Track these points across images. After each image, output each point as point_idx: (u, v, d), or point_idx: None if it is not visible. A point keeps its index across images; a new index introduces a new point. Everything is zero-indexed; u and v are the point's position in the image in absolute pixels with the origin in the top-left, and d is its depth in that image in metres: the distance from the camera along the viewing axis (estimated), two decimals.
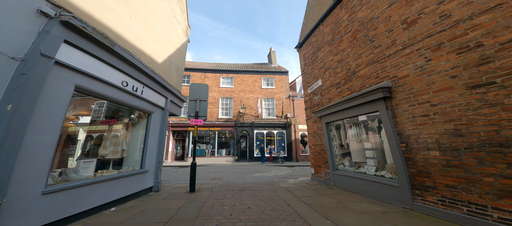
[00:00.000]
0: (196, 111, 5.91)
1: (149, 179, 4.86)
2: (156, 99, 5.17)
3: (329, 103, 6.14)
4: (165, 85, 5.54)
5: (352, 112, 4.89)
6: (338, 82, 5.73)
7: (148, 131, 4.83)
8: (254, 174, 9.73)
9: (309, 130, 7.70)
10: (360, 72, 4.77)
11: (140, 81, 4.37)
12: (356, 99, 4.52)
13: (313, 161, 7.26)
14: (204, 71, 18.63)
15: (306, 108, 8.06)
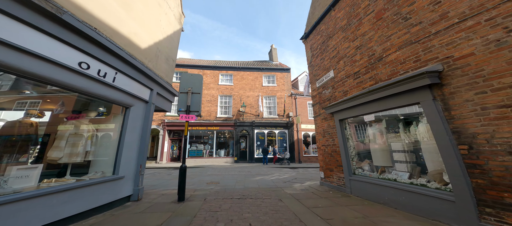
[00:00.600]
0: (187, 105, 4.94)
1: (126, 186, 3.89)
2: (136, 90, 4.20)
3: (344, 97, 5.18)
4: (149, 75, 4.58)
5: (377, 106, 3.93)
6: (356, 72, 4.76)
7: (125, 127, 3.87)
8: (255, 177, 8.76)
9: (317, 129, 6.73)
10: (389, 58, 3.81)
11: (110, 65, 3.41)
12: (384, 89, 3.56)
13: (322, 163, 6.29)
14: (202, 67, 17.68)
15: (314, 104, 7.09)
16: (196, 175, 9.08)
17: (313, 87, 7.30)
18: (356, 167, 4.81)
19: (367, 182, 4.25)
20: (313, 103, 7.19)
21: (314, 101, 7.16)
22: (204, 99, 16.44)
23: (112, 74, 3.47)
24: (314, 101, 7.15)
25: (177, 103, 4.80)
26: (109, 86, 3.43)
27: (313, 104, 7.17)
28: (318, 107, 6.75)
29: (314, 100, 7.17)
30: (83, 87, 2.93)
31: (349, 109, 4.84)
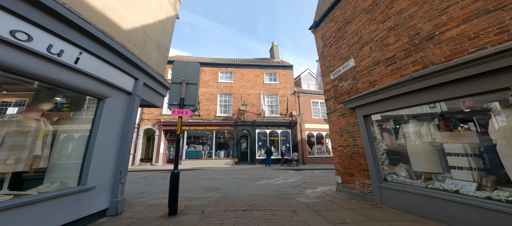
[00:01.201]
0: (180, 98, 4.01)
1: (99, 198, 2.94)
2: (114, 77, 3.27)
3: (370, 89, 4.27)
4: (133, 60, 3.65)
5: (425, 96, 3.02)
6: (390, 58, 3.85)
7: (97, 124, 2.93)
8: (259, 181, 7.83)
9: (332, 127, 5.82)
10: (446, 35, 2.90)
11: (70, 41, 2.47)
12: (446, 73, 2.64)
13: (339, 167, 5.37)
14: (201, 64, 16.72)
15: (328, 99, 6.19)
16: (193, 179, 8.12)
17: (326, 80, 6.40)
18: (388, 172, 3.90)
19: (407, 192, 3.34)
20: (326, 98, 6.28)
21: (327, 95, 6.26)
22: (203, 97, 15.51)
23: (73, 54, 2.53)
24: (327, 96, 6.24)
25: (169, 96, 3.85)
26: (67, 69, 2.48)
27: (326, 99, 6.27)
28: (333, 102, 5.85)
29: (327, 95, 6.26)
30: (19, 65, 1.98)
31: (378, 103, 3.93)
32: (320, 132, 16.00)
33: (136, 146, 12.99)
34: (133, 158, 12.77)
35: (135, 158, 12.79)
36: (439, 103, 3.08)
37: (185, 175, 9.39)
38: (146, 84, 4.32)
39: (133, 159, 12.77)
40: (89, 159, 2.74)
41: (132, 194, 5.25)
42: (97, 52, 2.88)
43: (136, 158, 12.84)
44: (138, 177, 8.72)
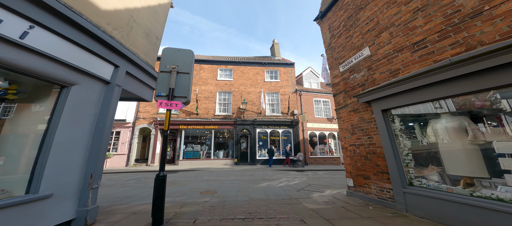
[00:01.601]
0: (169, 88, 3.39)
1: (59, 208, 2.32)
2: (83, 61, 2.65)
3: (392, 79, 3.66)
4: (111, 44, 3.04)
5: (469, 84, 2.40)
6: (418, 42, 3.22)
7: (56, 117, 2.31)
8: (259, 183, 7.20)
9: (342, 124, 5.19)
10: (501, 8, 2.29)
11: (15, 11, 1.86)
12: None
13: (351, 168, 4.74)
14: (199, 62, 16.13)
15: (336, 93, 5.56)
16: (189, 181, 7.49)
17: (335, 73, 5.78)
18: (414, 176, 3.27)
19: (442, 199, 2.72)
20: (335, 92, 5.66)
21: (335, 89, 5.64)
22: (201, 95, 14.90)
23: (19, 26, 1.92)
24: (335, 90, 5.62)
25: (156, 86, 3.23)
26: (9, 44, 1.86)
27: (335, 94, 5.64)
28: (343, 96, 5.22)
29: (335, 89, 5.64)
30: None
31: (401, 95, 3.31)
32: (323, 132, 15.37)
33: (131, 146, 12.37)
34: (128, 158, 12.15)
35: (130, 159, 12.17)
36: (489, 92, 2.45)
37: (181, 176, 8.76)
38: (130, 74, 3.70)
39: (128, 159, 12.14)
40: (43, 161, 2.12)
41: (116, 199, 4.63)
42: (58, 30, 2.27)
43: (131, 158, 12.22)
44: (130, 178, 8.10)
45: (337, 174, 10.21)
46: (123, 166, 11.93)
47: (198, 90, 14.85)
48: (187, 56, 3.78)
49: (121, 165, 11.95)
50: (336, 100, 5.58)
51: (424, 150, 3.29)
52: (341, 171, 11.60)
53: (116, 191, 5.62)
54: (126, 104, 12.50)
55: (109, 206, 3.98)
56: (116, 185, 6.68)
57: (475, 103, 2.69)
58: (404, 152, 3.42)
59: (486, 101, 2.58)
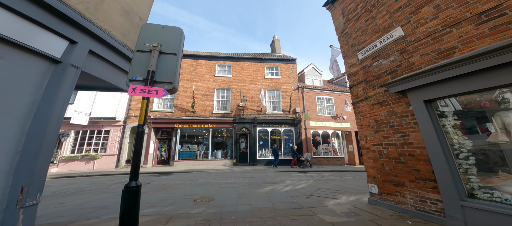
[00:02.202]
0: (148, 71, 2.48)
1: None
2: (14, 29, 1.78)
3: (441, 60, 2.83)
4: (63, 12, 2.16)
5: None
6: (488, 10, 2.39)
7: None
8: (262, 187, 6.36)
9: (362, 120, 4.36)
10: None
11: None
12: None
13: (375, 172, 3.92)
14: (196, 57, 15.21)
15: (353, 84, 4.73)
16: (182, 185, 6.59)
17: (350, 62, 4.95)
18: (478, 186, 2.45)
19: None
20: (352, 83, 4.83)
21: (352, 80, 4.80)
22: (198, 92, 13.99)
23: None
24: (352, 81, 4.79)
25: (130, 68, 2.31)
26: None
27: (352, 85, 4.81)
28: (363, 87, 4.39)
29: (352, 80, 4.81)
30: None
31: (457, 80, 2.49)
32: (326, 131, 14.59)
33: (122, 146, 11.40)
34: (118, 159, 11.18)
35: (120, 160, 11.20)
36: None
37: (174, 179, 7.86)
38: (96, 54, 2.80)
39: (118, 160, 11.17)
40: None
41: (86, 211, 3.71)
42: None
43: (121, 160, 11.25)
44: (116, 182, 7.17)
45: (344, 175, 9.41)
46: (113, 168, 10.96)
47: (194, 86, 13.93)
48: (174, 35, 2.87)
49: (111, 167, 10.97)
50: (353, 93, 4.75)
51: (494, 151, 2.46)
52: (347, 172, 10.82)
53: (91, 199, 4.71)
54: (117, 102, 11.53)
55: (72, 221, 3.09)
56: (96, 190, 5.76)
57: None
58: (460, 154, 2.59)
59: None
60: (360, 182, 7.35)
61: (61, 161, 10.37)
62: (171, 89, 2.54)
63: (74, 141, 10.93)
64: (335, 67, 7.69)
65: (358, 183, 7.00)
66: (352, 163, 14.39)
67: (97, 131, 11.35)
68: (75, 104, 10.76)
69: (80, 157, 10.48)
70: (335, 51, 7.45)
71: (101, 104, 11.21)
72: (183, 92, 13.81)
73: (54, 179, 8.33)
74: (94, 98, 11.22)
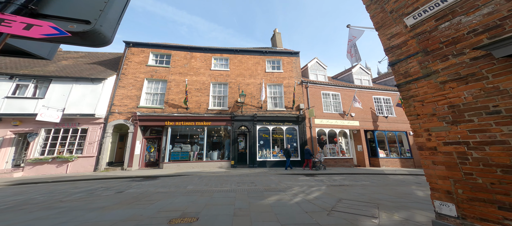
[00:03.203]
0: None
1: None
2: None
3: None
4: None
5: None
6: None
7: None
8: (265, 196, 4.86)
9: (416, 108, 2.89)
10: None
11: None
12: None
13: (450, 185, 2.44)
14: (190, 49, 13.68)
15: (398, 60, 3.27)
16: (163, 194, 5.01)
17: (392, 32, 3.50)
18: None
19: None
20: (395, 59, 3.37)
21: (395, 55, 3.36)
22: (192, 87, 12.44)
23: None
24: (395, 56, 3.34)
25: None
26: None
27: (394, 61, 3.35)
28: (420, 60, 2.94)
29: (395, 54, 3.37)
30: None
31: None
32: (333, 129, 13.16)
33: (102, 146, 9.77)
34: (97, 161, 9.55)
35: (100, 162, 9.57)
36: None
37: (157, 185, 6.29)
38: None
39: (97, 163, 9.54)
40: None
41: None
42: None
43: (102, 162, 9.62)
44: (82, 190, 5.57)
45: (359, 179, 7.95)
46: (90, 171, 9.34)
47: (188, 80, 12.38)
48: None
49: (88, 170, 9.35)
50: (398, 71, 3.28)
51: None
52: (360, 175, 9.38)
53: (18, 219, 3.14)
54: (96, 96, 9.91)
55: None
56: (44, 203, 4.18)
57: None
58: None
59: None
60: (388, 190, 5.88)
61: (28, 164, 8.72)
62: (90, 32, 0.99)
63: (44, 141, 9.27)
64: (354, 51, 6.26)
65: (387, 192, 5.54)
66: (361, 165, 12.98)
67: (73, 129, 9.71)
68: (45, 99, 9.12)
69: (51, 159, 8.84)
70: (355, 32, 6.01)
71: (78, 99, 9.58)
72: (175, 87, 12.25)
73: (9, 186, 6.70)
74: (69, 92, 9.58)
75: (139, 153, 10.69)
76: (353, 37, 5.96)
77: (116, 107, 10.78)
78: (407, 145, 13.73)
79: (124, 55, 12.30)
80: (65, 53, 14.14)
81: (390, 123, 14.00)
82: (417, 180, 8.48)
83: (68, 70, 10.61)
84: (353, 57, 6.05)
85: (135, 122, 10.70)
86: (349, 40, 6.14)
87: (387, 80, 17.74)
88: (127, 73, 11.85)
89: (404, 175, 9.86)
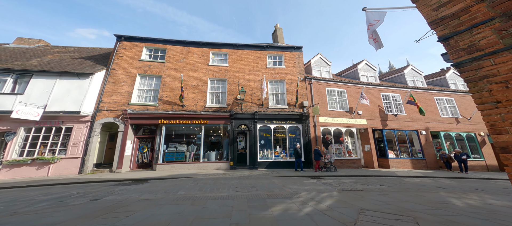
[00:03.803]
0: None
1: None
2: None
3: None
4: None
5: None
6: None
7: None
8: (268, 206, 3.95)
9: (493, 93, 2.01)
10: None
11: None
12: None
13: None
14: (187, 44, 12.86)
15: (458, 31, 2.39)
16: (146, 203, 4.09)
17: (437, 0, 2.61)
18: None
19: None
20: (452, 30, 2.48)
21: (449, 28, 2.47)
22: (188, 83, 11.59)
23: None
24: (451, 28, 2.45)
25: None
26: None
27: (452, 33, 2.47)
28: (498, 28, 2.05)
29: (449, 27, 2.48)
30: None
31: None
32: (338, 128, 12.26)
33: (88, 147, 8.90)
34: (82, 163, 8.67)
35: (86, 163, 8.69)
36: None
37: (144, 190, 5.39)
38: None
39: (82, 164, 8.66)
40: None
41: None
42: None
43: (87, 163, 8.74)
44: (51, 198, 4.69)
45: (373, 182, 7.02)
46: (75, 174, 8.46)
47: (184, 76, 11.55)
48: None
49: (72, 172, 8.47)
50: (456, 46, 2.41)
51: None
52: (372, 177, 8.46)
53: None
54: (82, 92, 9.07)
55: None
56: None
57: None
58: None
59: None
60: (413, 197, 4.96)
61: (4, 167, 7.85)
62: None
63: (24, 141, 8.42)
64: (375, 36, 5.41)
65: (414, 199, 4.62)
66: (369, 166, 12.05)
67: (56, 128, 8.85)
68: (25, 95, 8.28)
69: (30, 161, 7.97)
70: (375, 15, 5.13)
71: (62, 95, 8.74)
72: (170, 83, 11.41)
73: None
74: (52, 87, 8.74)
75: (130, 154, 9.81)
76: (374, 21, 5.09)
77: (105, 105, 9.93)
78: (418, 145, 12.80)
79: (115, 49, 11.48)
80: (52, 47, 13.34)
81: (400, 121, 13.09)
82: (438, 183, 7.55)
83: (53, 64, 9.79)
84: (377, 43, 5.20)
85: (126, 120, 9.84)
86: (370, 24, 5.28)
87: (394, 77, 16.86)
88: (118, 68, 11.02)
89: (420, 178, 8.93)
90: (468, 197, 5.03)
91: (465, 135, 13.58)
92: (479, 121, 14.04)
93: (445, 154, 11.92)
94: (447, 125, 13.62)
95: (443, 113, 14.15)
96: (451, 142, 13.47)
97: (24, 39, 13.64)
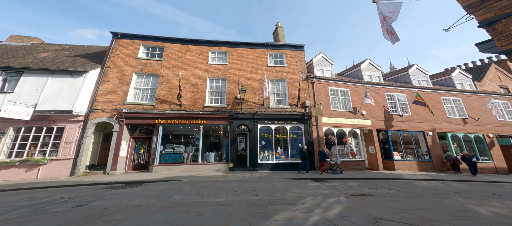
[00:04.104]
0: None
1: None
2: None
3: None
4: None
5: None
6: None
7: None
8: (270, 215, 3.52)
9: None
10: None
11: None
12: None
13: None
14: (186, 42, 12.48)
15: (502, 16, 1.98)
16: (135, 210, 3.67)
17: None
18: None
19: None
20: (503, 11, 2.08)
21: (501, 7, 2.05)
22: (187, 82, 11.21)
23: None
24: (506, 5, 2.04)
25: None
26: None
27: (505, 14, 2.06)
28: None
29: (498, 7, 2.06)
30: None
31: None
32: (342, 128, 11.84)
33: (80, 147, 8.50)
34: (74, 164, 8.27)
35: (78, 165, 8.29)
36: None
37: (136, 195, 4.98)
38: None
39: (74, 166, 8.26)
40: None
41: None
42: None
43: (80, 165, 8.34)
44: (32, 204, 4.28)
45: (380, 186, 6.59)
46: (66, 176, 8.06)
47: (182, 74, 11.16)
48: None
49: (63, 174, 8.07)
50: (504, 31, 2.00)
51: None
52: (378, 180, 8.03)
53: None
54: (75, 91, 8.68)
55: None
56: None
57: None
58: None
59: None
60: (430, 203, 4.53)
61: None
62: None
63: (13, 142, 8.03)
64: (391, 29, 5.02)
65: (432, 207, 4.19)
66: (373, 167, 11.61)
67: (47, 128, 8.46)
68: (15, 93, 7.91)
69: (18, 162, 7.57)
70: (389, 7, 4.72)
71: (53, 94, 8.36)
72: (168, 82, 11.03)
73: None
74: (43, 85, 8.36)
75: (126, 155, 9.40)
76: (390, 13, 4.68)
77: (99, 104, 9.54)
78: (424, 146, 12.35)
79: (111, 47, 11.11)
80: (47, 45, 12.98)
81: (406, 122, 12.66)
82: (450, 187, 7.12)
83: (45, 62, 9.42)
84: (393, 36, 4.80)
85: (121, 119, 9.44)
86: (383, 17, 4.88)
87: (397, 77, 16.44)
88: (114, 66, 10.64)
89: (429, 181, 8.49)
90: (490, 203, 4.60)
91: (473, 136, 13.13)
92: (487, 122, 13.59)
93: (451, 156, 11.48)
94: (454, 125, 13.18)
95: (450, 114, 13.72)
96: (459, 143, 13.02)
97: (18, 37, 13.29)
